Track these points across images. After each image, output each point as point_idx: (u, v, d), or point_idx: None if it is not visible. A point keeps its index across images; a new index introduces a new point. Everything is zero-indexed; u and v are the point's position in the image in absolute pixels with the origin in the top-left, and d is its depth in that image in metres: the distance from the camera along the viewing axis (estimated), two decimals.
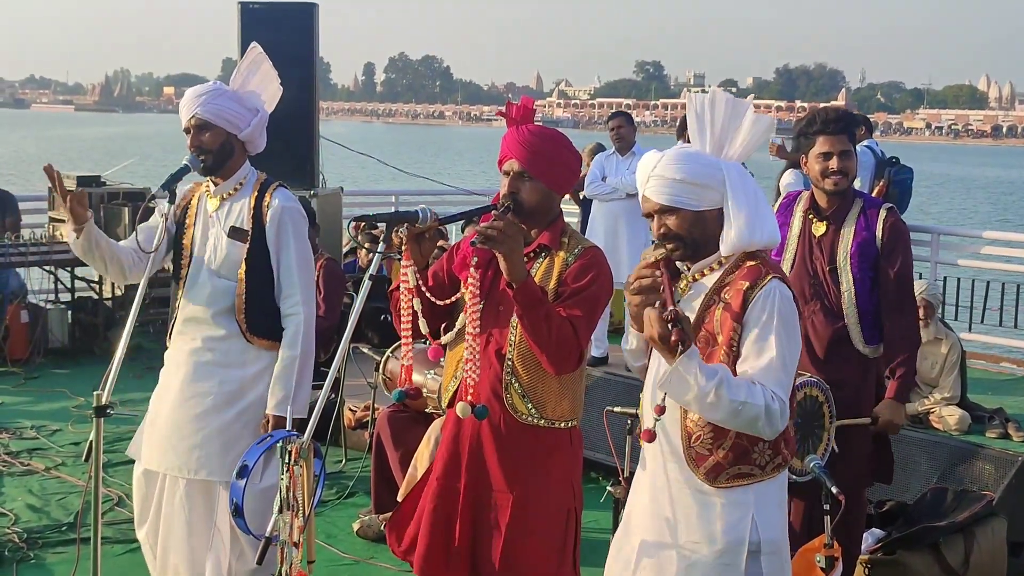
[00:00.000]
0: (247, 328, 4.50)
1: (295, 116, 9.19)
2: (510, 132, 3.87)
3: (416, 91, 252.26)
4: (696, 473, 3.40)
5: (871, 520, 5.50)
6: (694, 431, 3.39)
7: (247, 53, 4.63)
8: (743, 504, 3.39)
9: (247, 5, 9.98)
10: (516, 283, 3.58)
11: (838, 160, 4.76)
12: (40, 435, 7.65)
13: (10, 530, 5.92)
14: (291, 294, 4.50)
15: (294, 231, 4.53)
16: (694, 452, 3.39)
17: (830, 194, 4.83)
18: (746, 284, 3.34)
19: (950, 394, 8.39)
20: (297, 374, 4.44)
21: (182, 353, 4.59)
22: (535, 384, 3.79)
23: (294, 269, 4.50)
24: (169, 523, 4.58)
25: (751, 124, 3.42)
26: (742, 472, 3.39)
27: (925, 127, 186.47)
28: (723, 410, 3.18)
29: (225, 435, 4.48)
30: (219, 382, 4.52)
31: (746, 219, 3.36)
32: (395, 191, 14.70)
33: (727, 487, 3.38)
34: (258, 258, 4.50)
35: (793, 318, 3.35)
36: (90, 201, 10.58)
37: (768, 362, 3.27)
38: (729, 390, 3.16)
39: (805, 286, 4.87)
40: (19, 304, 9.76)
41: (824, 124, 4.78)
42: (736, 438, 3.35)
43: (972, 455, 6.09)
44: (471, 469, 3.85)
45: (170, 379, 4.63)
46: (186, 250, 4.60)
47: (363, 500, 6.46)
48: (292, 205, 4.56)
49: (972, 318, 11.13)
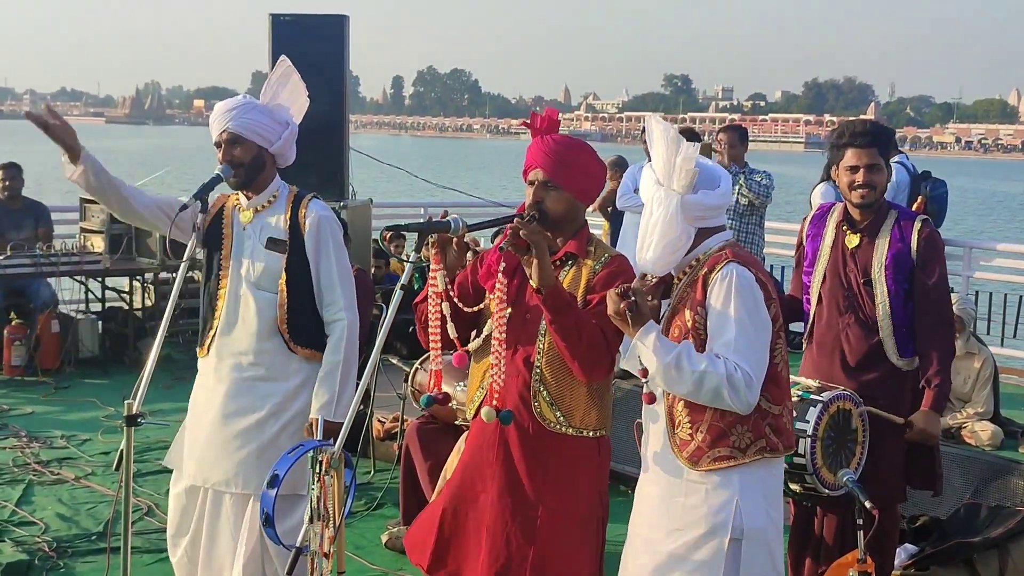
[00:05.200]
0: (290, 338, 4.51)
1: (325, 128, 9.20)
2: (535, 142, 3.88)
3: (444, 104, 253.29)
4: (679, 458, 3.58)
5: (904, 535, 5.46)
6: (676, 416, 3.59)
7: (276, 66, 4.64)
8: (727, 488, 3.54)
9: (278, 17, 10.01)
10: (545, 288, 3.59)
11: (865, 173, 4.72)
12: (70, 444, 7.67)
13: (40, 539, 5.93)
14: (334, 300, 4.52)
15: (333, 240, 4.55)
16: (677, 439, 3.59)
17: (859, 207, 4.80)
18: (705, 270, 3.57)
19: (983, 409, 8.31)
20: (341, 378, 4.45)
21: (223, 368, 4.59)
22: (563, 392, 3.79)
23: (335, 276, 4.52)
24: (214, 537, 4.57)
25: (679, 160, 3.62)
26: (721, 455, 3.54)
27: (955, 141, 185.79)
28: (685, 381, 3.43)
29: (270, 449, 4.46)
30: (262, 396, 4.52)
31: (640, 241, 3.65)
32: (424, 203, 14.74)
33: (709, 470, 3.54)
34: (298, 268, 4.51)
35: (753, 297, 3.53)
36: None
37: (730, 338, 3.47)
38: (689, 361, 3.43)
39: (839, 299, 4.84)
40: (50, 314, 9.80)
41: (852, 137, 4.75)
42: (712, 419, 3.53)
43: (1005, 470, 6.04)
44: (500, 479, 3.84)
45: (211, 394, 4.62)
46: (224, 264, 4.60)
47: (392, 512, 6.45)
48: (329, 215, 4.58)
49: (1005, 332, 11.04)
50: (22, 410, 8.55)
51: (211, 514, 4.58)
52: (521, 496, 3.82)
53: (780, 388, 3.63)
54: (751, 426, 3.54)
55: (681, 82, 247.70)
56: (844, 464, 4.46)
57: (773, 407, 3.59)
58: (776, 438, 3.59)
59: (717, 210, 3.66)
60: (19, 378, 9.42)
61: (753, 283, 3.52)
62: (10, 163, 10.65)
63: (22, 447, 7.55)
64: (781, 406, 3.63)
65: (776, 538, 3.65)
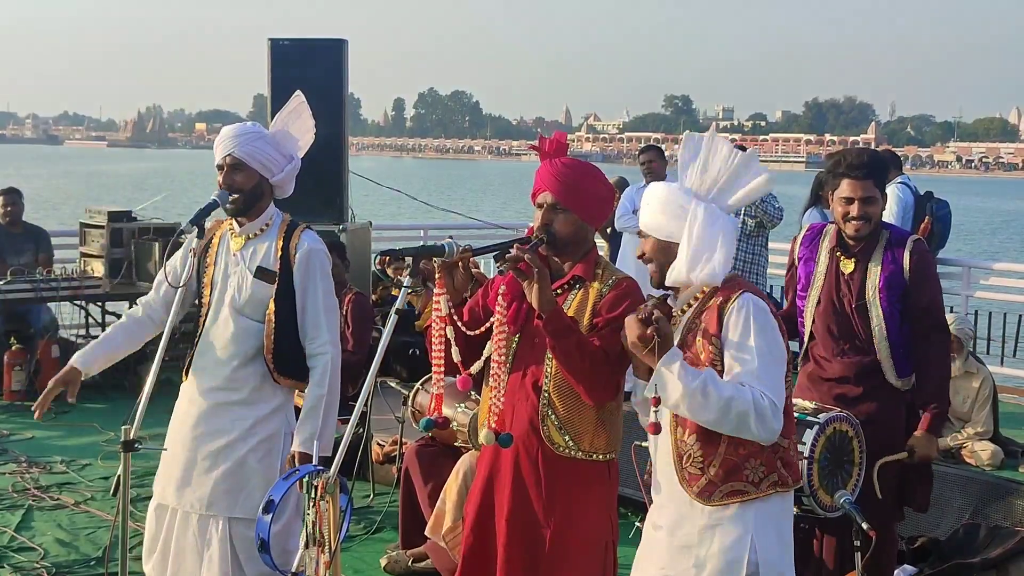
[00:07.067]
0: (275, 368, 4.51)
1: (324, 151, 9.18)
2: (543, 165, 3.90)
3: (445, 126, 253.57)
4: (689, 493, 3.49)
5: (903, 556, 5.45)
6: (684, 450, 3.50)
7: (290, 100, 4.61)
8: (740, 523, 3.46)
9: (277, 42, 10.07)
10: (545, 312, 3.60)
11: (860, 206, 4.71)
12: (70, 469, 7.68)
13: (39, 564, 5.93)
14: (318, 334, 4.50)
15: (321, 273, 4.54)
16: (686, 473, 3.50)
17: (852, 239, 4.80)
18: (719, 300, 3.50)
19: (982, 429, 8.31)
20: (324, 413, 4.43)
21: (199, 390, 4.61)
22: (572, 416, 3.80)
23: (321, 309, 4.51)
24: (181, 559, 4.57)
25: (756, 182, 3.57)
26: (735, 489, 3.46)
27: (956, 160, 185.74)
28: (712, 408, 3.31)
29: (239, 472, 4.48)
30: (233, 420, 4.52)
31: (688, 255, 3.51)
32: (424, 225, 14.74)
33: (721, 504, 3.46)
34: (286, 299, 4.50)
35: (770, 326, 3.48)
36: (122, 236, 10.67)
37: (753, 367, 3.40)
38: (716, 387, 3.32)
39: (833, 322, 4.84)
40: (50, 339, 9.82)
41: (849, 168, 4.72)
42: (726, 453, 3.45)
43: (1005, 491, 6.03)
44: (510, 502, 3.85)
45: (184, 416, 4.64)
46: (207, 288, 4.62)
47: (391, 535, 6.43)
48: (319, 247, 4.57)
49: (1004, 352, 11.03)
50: (22, 435, 8.55)
51: (179, 534, 4.57)
52: (530, 519, 3.83)
53: (789, 420, 3.59)
54: (764, 460, 3.48)
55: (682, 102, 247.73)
56: (841, 486, 4.45)
57: (783, 440, 3.54)
58: (786, 472, 3.56)
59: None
60: (19, 403, 9.40)
61: (769, 313, 3.50)
62: (10, 188, 10.68)
63: (22, 472, 7.56)
64: (789, 440, 3.59)
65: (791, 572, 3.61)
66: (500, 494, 3.88)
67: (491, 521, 3.90)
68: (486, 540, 3.89)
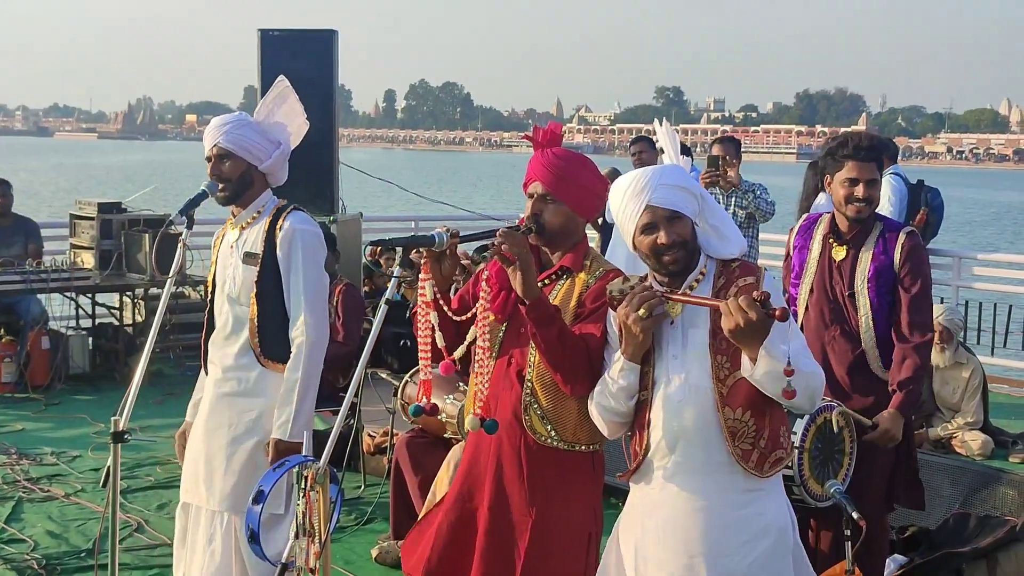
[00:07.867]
0: (260, 351, 4.47)
1: (315, 143, 9.16)
2: (536, 155, 3.88)
3: (436, 117, 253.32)
4: (747, 468, 3.43)
5: (893, 546, 5.46)
6: (738, 428, 3.42)
7: (274, 86, 4.61)
8: (778, 487, 3.53)
9: (267, 33, 10.03)
10: (528, 300, 3.59)
11: (864, 188, 4.71)
12: (60, 461, 7.67)
13: (29, 556, 5.92)
14: (297, 316, 4.43)
15: (304, 252, 4.45)
16: (739, 450, 3.42)
17: (851, 220, 4.79)
18: (750, 279, 3.45)
19: (973, 419, 8.30)
20: (298, 397, 4.37)
21: (211, 383, 4.60)
22: (555, 406, 3.78)
23: (302, 291, 4.43)
24: (193, 552, 4.57)
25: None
26: (779, 456, 3.48)
27: (946, 151, 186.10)
28: (803, 377, 3.27)
29: (247, 467, 4.45)
30: (239, 412, 4.50)
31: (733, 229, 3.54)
32: (415, 216, 14.74)
33: (772, 475, 3.47)
34: (269, 281, 4.45)
35: None
36: (111, 228, 10.69)
37: (800, 343, 3.40)
38: (803, 363, 3.30)
39: (825, 311, 4.84)
40: (40, 331, 9.81)
41: (855, 150, 4.72)
42: (771, 424, 3.45)
43: (995, 480, 6.05)
44: (491, 491, 3.84)
45: (202, 411, 4.64)
46: (210, 282, 4.64)
47: (382, 526, 6.44)
48: (305, 227, 4.49)
49: (995, 342, 11.05)
50: (12, 427, 8.54)
51: (192, 529, 4.58)
52: (512, 508, 3.82)
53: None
54: (784, 427, 3.54)
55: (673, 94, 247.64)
56: (831, 475, 4.46)
57: None
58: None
59: None
60: (9, 395, 9.41)
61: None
62: (0, 180, 10.65)
63: (12, 464, 7.55)
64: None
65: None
66: (482, 482, 3.87)
67: (471, 507, 3.88)
68: (465, 528, 3.87)
